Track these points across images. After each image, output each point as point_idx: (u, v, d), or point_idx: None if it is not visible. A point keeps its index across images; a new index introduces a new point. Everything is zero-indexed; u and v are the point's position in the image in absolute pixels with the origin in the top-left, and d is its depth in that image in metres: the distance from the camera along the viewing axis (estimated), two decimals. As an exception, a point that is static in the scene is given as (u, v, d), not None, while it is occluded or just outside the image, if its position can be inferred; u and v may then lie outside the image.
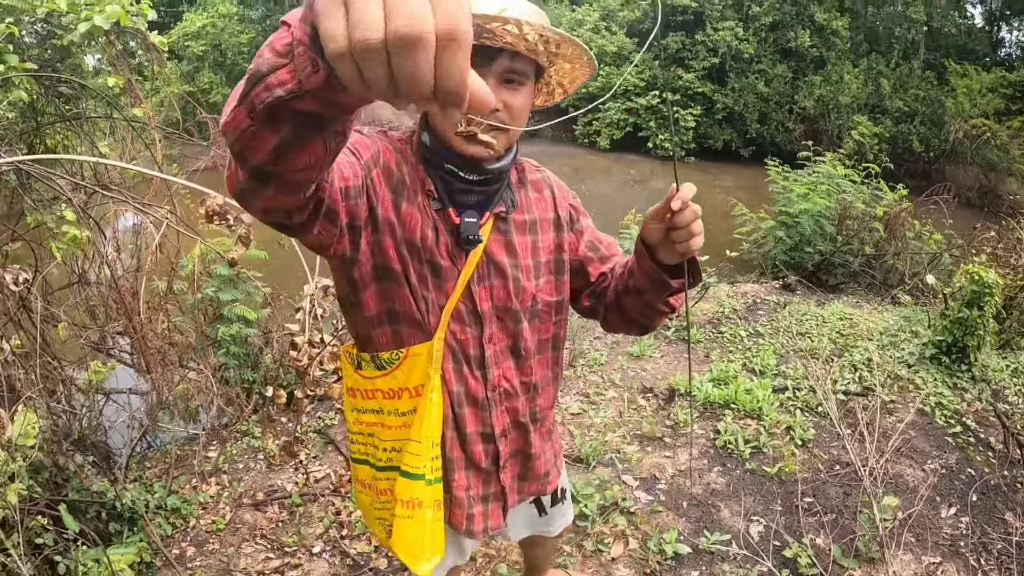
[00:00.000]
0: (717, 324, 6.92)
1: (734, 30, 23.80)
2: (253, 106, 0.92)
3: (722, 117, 24.07)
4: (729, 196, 16.72)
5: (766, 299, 7.92)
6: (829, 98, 23.00)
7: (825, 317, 7.05)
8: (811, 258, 9.28)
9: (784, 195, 9.89)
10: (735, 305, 7.51)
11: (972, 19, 28.39)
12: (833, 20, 24.15)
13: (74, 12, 4.46)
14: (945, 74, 23.45)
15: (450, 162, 1.61)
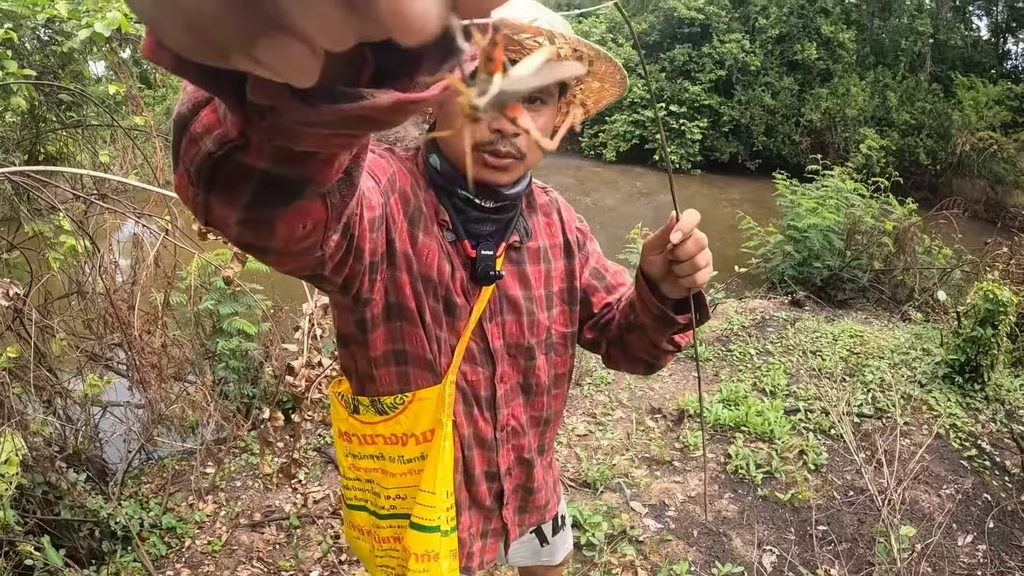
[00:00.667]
0: (726, 342, 6.82)
1: (740, 42, 23.76)
2: (187, 167, 0.70)
3: (728, 130, 24.01)
4: (736, 209, 16.65)
5: (775, 315, 7.81)
6: (836, 111, 22.91)
7: (835, 334, 6.94)
8: (820, 273, 9.17)
9: (792, 209, 9.78)
10: (744, 322, 7.40)
11: (978, 31, 28.42)
12: (839, 33, 24.12)
13: (75, 18, 4.39)
14: (951, 87, 23.39)
15: (464, 188, 1.45)
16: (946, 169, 21.96)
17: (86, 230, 4.64)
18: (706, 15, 23.78)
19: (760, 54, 24.02)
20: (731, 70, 23.93)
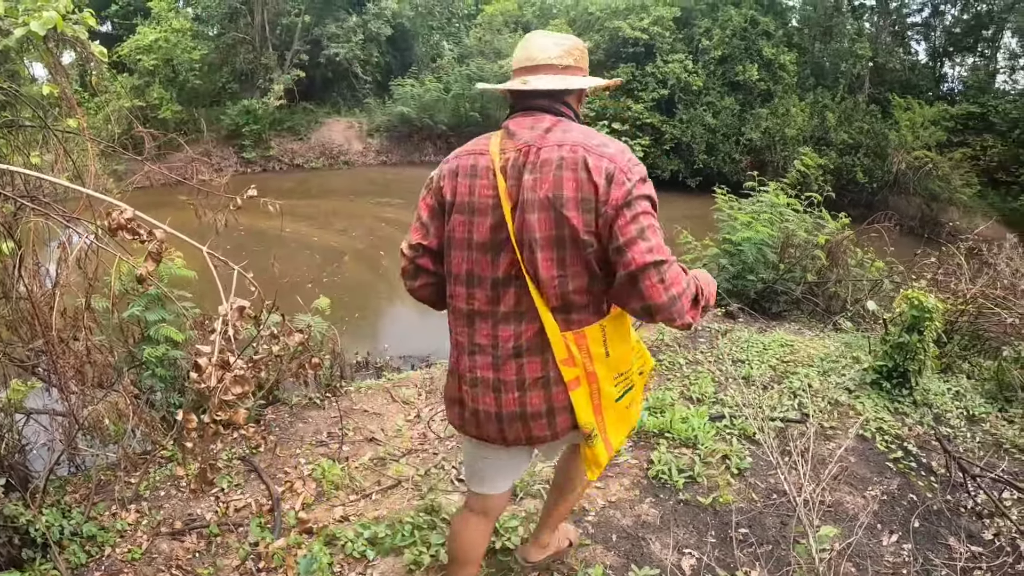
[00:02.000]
0: (655, 352, 6.80)
1: (684, 63, 24.06)
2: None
3: (670, 148, 24.28)
4: (675, 224, 16.79)
5: (707, 327, 7.83)
6: (775, 130, 23.33)
7: (766, 344, 6.98)
8: (753, 286, 9.25)
9: (728, 223, 9.85)
10: (675, 333, 7.39)
11: (916, 55, 29.18)
12: (781, 55, 24.58)
13: (12, 16, 4.26)
14: (889, 108, 24.02)
15: None
16: (882, 187, 22.46)
17: (11, 232, 4.50)
18: (650, 35, 24.04)
19: (702, 74, 24.38)
20: (674, 89, 24.21)
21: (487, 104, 27.95)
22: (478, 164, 2.33)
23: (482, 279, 2.34)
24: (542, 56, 2.32)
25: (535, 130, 2.29)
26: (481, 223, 2.31)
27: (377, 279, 13.71)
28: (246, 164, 26.09)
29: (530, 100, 2.35)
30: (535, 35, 2.40)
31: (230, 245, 15.86)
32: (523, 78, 2.33)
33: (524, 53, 2.36)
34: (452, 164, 2.40)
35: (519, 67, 2.36)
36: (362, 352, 9.76)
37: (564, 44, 2.36)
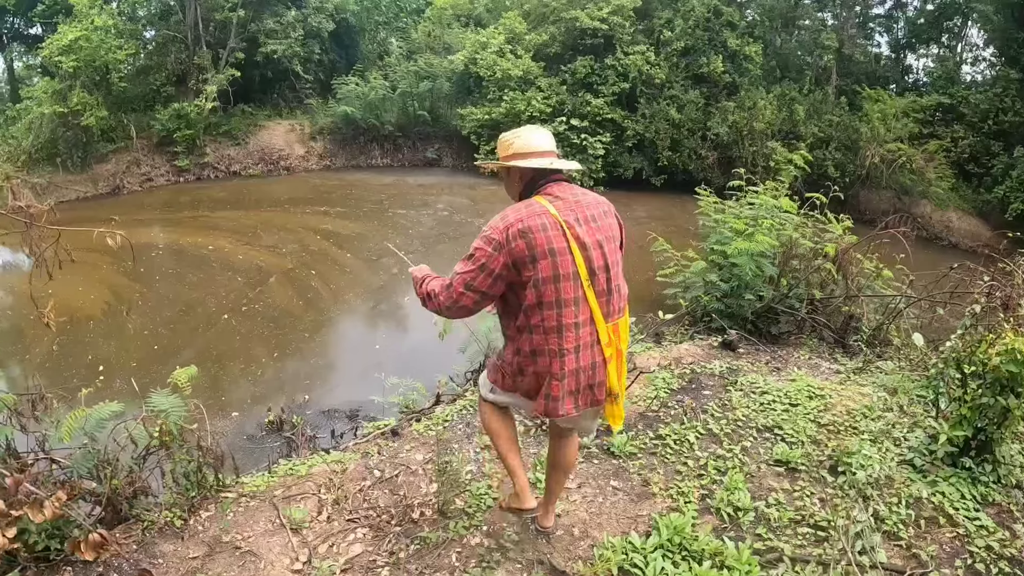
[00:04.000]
0: (653, 421, 5.23)
1: (645, 55, 22.61)
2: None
3: (632, 144, 22.82)
4: (643, 228, 15.26)
5: (707, 367, 6.32)
6: (743, 124, 22.05)
7: (791, 395, 5.41)
8: (751, 305, 7.74)
9: (715, 230, 8.37)
10: (671, 383, 5.82)
11: (879, 47, 28.31)
12: (746, 46, 23.33)
13: None
14: (856, 100, 23.16)
15: None
16: (854, 182, 21.31)
17: None
18: (610, 26, 22.56)
19: (665, 67, 22.98)
20: (635, 83, 22.75)
21: (436, 103, 26.54)
22: (546, 221, 3.18)
23: (578, 299, 3.20)
24: (550, 144, 3.44)
25: (573, 193, 3.34)
26: (565, 262, 3.17)
27: (304, 307, 11.97)
28: (179, 173, 24.24)
29: (557, 173, 3.40)
30: (540, 130, 3.50)
31: (143, 268, 14.11)
32: (550, 160, 3.37)
33: (546, 140, 3.43)
34: (518, 226, 3.17)
35: (545, 150, 3.40)
36: (276, 407, 8.15)
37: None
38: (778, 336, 7.77)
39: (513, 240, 3.14)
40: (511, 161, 3.36)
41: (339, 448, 5.83)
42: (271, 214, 18.58)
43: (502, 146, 3.44)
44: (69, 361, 10.32)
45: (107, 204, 20.63)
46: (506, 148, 3.40)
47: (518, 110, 22.56)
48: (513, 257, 3.15)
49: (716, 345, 7.17)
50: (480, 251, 3.18)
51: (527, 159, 3.32)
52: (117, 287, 13.06)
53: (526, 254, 3.13)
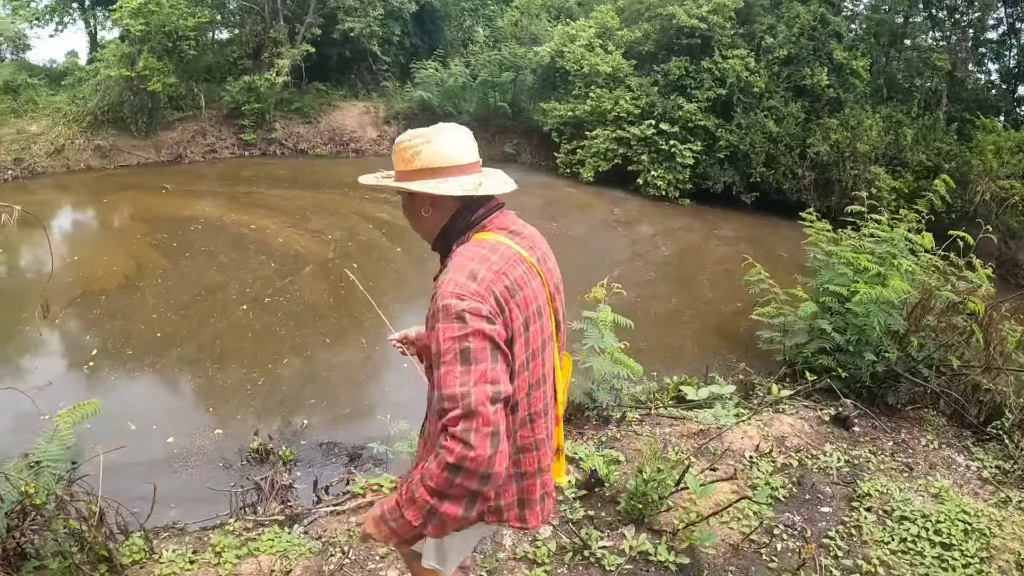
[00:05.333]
0: (753, 564, 3.65)
1: (745, 60, 20.80)
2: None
3: (724, 156, 20.93)
4: (730, 248, 13.72)
5: (820, 458, 4.80)
6: (845, 144, 20.06)
7: (940, 528, 3.82)
8: (870, 368, 6.10)
9: (830, 266, 6.80)
10: (775, 486, 4.28)
11: (989, 74, 26.36)
12: (853, 60, 21.32)
13: None
14: (966, 129, 21.07)
15: None
16: (961, 218, 19.23)
17: None
18: (709, 25, 20.82)
19: (765, 75, 21.10)
20: (732, 89, 20.92)
21: (518, 95, 25.01)
22: (525, 269, 2.25)
23: (551, 370, 2.39)
24: (474, 153, 2.36)
25: (520, 223, 2.41)
26: (547, 323, 2.32)
27: (333, 305, 10.60)
28: (244, 146, 23.35)
29: (490, 196, 2.37)
30: (460, 131, 2.37)
31: (176, 242, 12.95)
32: (476, 178, 2.31)
33: (469, 147, 2.34)
34: (503, 282, 2.15)
35: (468, 163, 2.32)
36: (267, 429, 6.81)
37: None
38: (893, 407, 6.16)
39: (504, 303, 2.12)
40: (417, 181, 2.27)
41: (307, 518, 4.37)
42: (327, 196, 17.34)
43: (401, 156, 2.30)
44: (66, 339, 9.46)
45: (167, 171, 19.95)
46: (407, 160, 2.28)
47: (604, 109, 20.91)
48: (507, 328, 2.14)
49: (827, 420, 5.57)
50: (478, 332, 2.04)
51: (446, 178, 2.26)
52: (142, 260, 12.00)
53: (518, 323, 2.17)
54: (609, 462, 4.63)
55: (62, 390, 7.90)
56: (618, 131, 20.59)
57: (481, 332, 2.03)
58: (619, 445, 5.04)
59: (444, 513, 1.99)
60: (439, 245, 2.36)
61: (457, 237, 2.30)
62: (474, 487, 1.95)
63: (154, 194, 16.95)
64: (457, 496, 1.97)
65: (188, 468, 6.52)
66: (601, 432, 5.28)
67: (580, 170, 21.13)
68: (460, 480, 1.94)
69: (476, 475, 1.95)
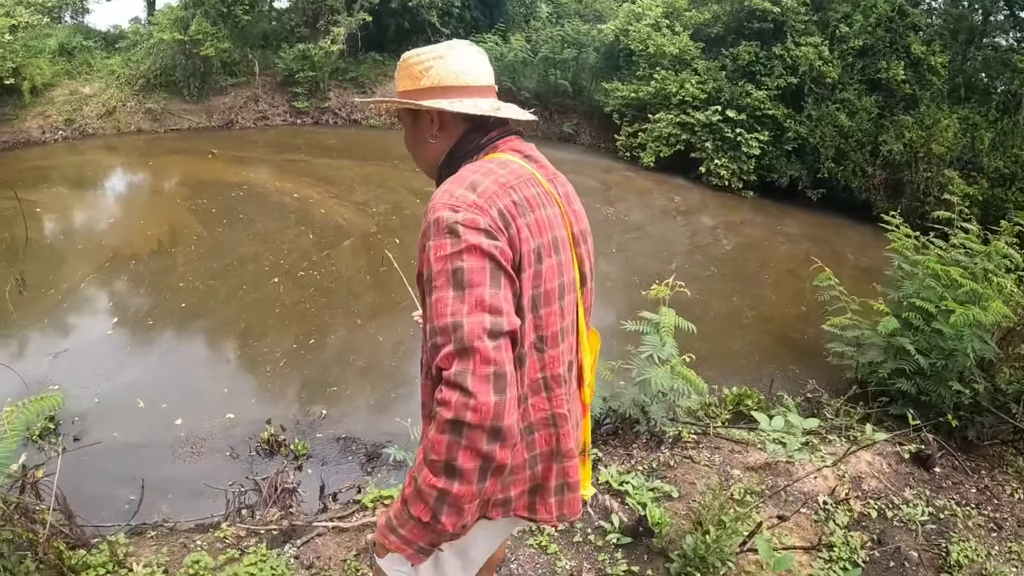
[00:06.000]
0: None
1: (819, 48, 19.81)
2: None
3: (792, 148, 19.95)
4: (794, 247, 13.02)
5: (900, 509, 4.23)
6: (919, 144, 18.97)
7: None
8: (954, 398, 5.39)
9: (915, 278, 6.09)
10: (853, 545, 3.66)
11: None
12: (931, 56, 20.21)
13: None
14: None
15: None
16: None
17: None
18: (782, 9, 19.85)
19: (838, 65, 20.06)
20: (804, 78, 19.92)
21: (580, 73, 24.11)
22: (540, 192, 1.90)
23: (573, 325, 1.99)
24: (490, 76, 2.04)
25: (540, 155, 2.05)
26: (567, 262, 1.93)
27: (370, 283, 9.99)
28: (297, 114, 22.92)
29: (503, 121, 2.02)
30: (475, 49, 2.08)
31: (215, 208, 12.44)
32: (493, 102, 1.97)
33: (486, 68, 2.03)
34: (510, 196, 1.79)
35: (484, 85, 1.99)
36: (283, 418, 6.26)
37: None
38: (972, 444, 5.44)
39: (511, 219, 1.75)
40: (429, 100, 1.93)
41: (304, 534, 3.77)
42: (375, 168, 16.79)
43: (408, 73, 1.99)
44: (90, 302, 9.08)
45: (217, 136, 19.61)
46: (415, 76, 1.97)
47: (668, 92, 20.04)
48: (513, 250, 1.75)
49: (906, 457, 4.85)
50: (473, 248, 1.67)
51: (460, 97, 1.93)
52: (178, 225, 11.55)
53: (529, 247, 1.79)
54: (659, 498, 3.98)
55: (77, 358, 7.59)
56: (682, 116, 19.72)
57: (478, 248, 1.68)
58: (672, 475, 4.38)
59: (457, 495, 1.59)
60: (445, 172, 1.96)
61: (463, 161, 1.96)
62: (483, 447, 1.56)
63: (200, 159, 16.61)
64: (467, 465, 1.57)
65: (192, 455, 6.03)
66: (652, 455, 4.61)
67: (640, 154, 20.28)
68: (465, 440, 1.56)
69: (483, 430, 1.56)
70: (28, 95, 17.48)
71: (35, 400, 3.11)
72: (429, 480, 1.60)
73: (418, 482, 1.62)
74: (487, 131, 1.97)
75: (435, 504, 1.60)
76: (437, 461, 1.58)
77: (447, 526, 1.63)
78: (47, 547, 3.03)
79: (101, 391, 6.97)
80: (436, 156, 2.02)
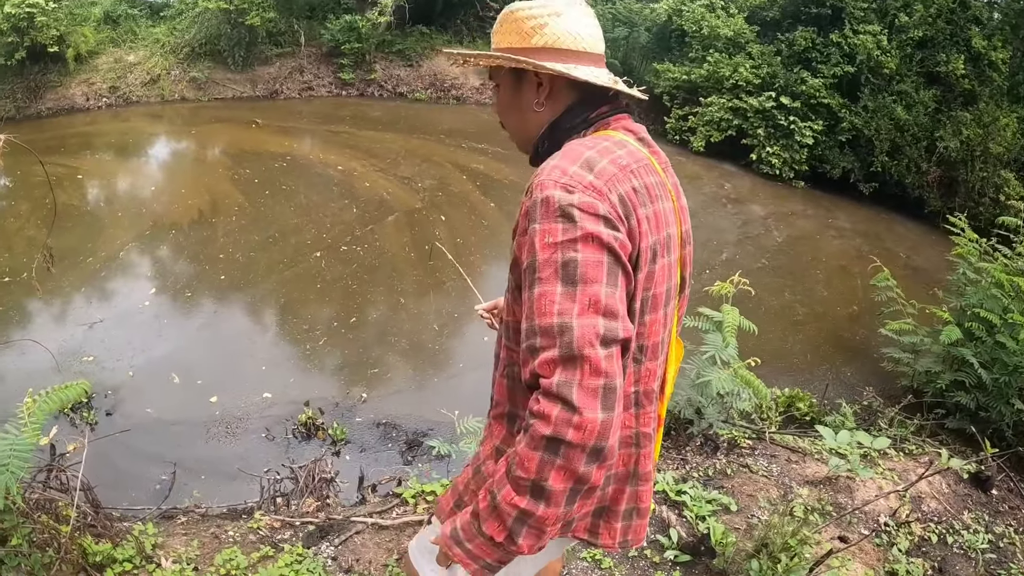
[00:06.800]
0: None
1: (877, 37, 19.28)
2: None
3: (846, 140, 19.44)
4: (846, 242, 12.71)
5: (960, 534, 4.10)
6: (977, 142, 18.41)
7: None
8: (1015, 416, 5.15)
9: (979, 286, 5.83)
10: (913, 570, 3.40)
11: None
12: (992, 51, 19.62)
13: None
14: None
15: None
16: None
17: None
18: (842, -4, 19.38)
19: (896, 56, 19.51)
20: (861, 68, 19.40)
21: (630, 53, 23.61)
22: (658, 181, 1.70)
23: (666, 339, 1.79)
24: (603, 44, 1.78)
25: (653, 142, 1.83)
26: (674, 265, 1.74)
27: (415, 260, 9.79)
28: (342, 86, 22.69)
29: (614, 96, 1.79)
30: (592, 13, 1.79)
31: (257, 179, 12.37)
32: (610, 73, 1.78)
33: (600, 35, 1.77)
34: (631, 182, 1.58)
35: (599, 53, 1.75)
36: (327, 394, 6.27)
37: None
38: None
39: (632, 209, 1.53)
40: (549, 62, 1.65)
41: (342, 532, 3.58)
42: (421, 142, 16.61)
43: (516, 28, 1.71)
44: (128, 272, 8.99)
45: (261, 106, 19.55)
46: (525, 33, 1.70)
47: (721, 75, 19.61)
48: (632, 244, 1.53)
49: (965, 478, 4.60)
50: (591, 236, 1.44)
51: (576, 63, 1.68)
52: (220, 195, 11.45)
53: (647, 243, 1.56)
54: (717, 510, 3.75)
55: (112, 329, 7.53)
56: (735, 101, 19.29)
57: (596, 237, 1.45)
58: (729, 485, 4.16)
59: (541, 517, 1.41)
60: (544, 146, 1.75)
61: (567, 135, 1.73)
62: (580, 468, 1.37)
63: (244, 128, 16.57)
64: (557, 487, 1.38)
65: (227, 435, 5.92)
66: (708, 461, 4.38)
67: (690, 138, 19.84)
68: (562, 460, 1.36)
69: (583, 450, 1.36)
70: (72, 62, 17.53)
71: (59, 389, 2.95)
72: (511, 499, 1.42)
73: (496, 499, 1.44)
74: (597, 105, 1.75)
75: (514, 524, 1.43)
76: (524, 479, 1.39)
77: (523, 548, 1.46)
78: (71, 544, 2.87)
79: (136, 364, 6.90)
80: (536, 127, 1.79)
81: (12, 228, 10.17)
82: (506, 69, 1.77)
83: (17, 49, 15.99)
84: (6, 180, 11.94)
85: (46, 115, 16.33)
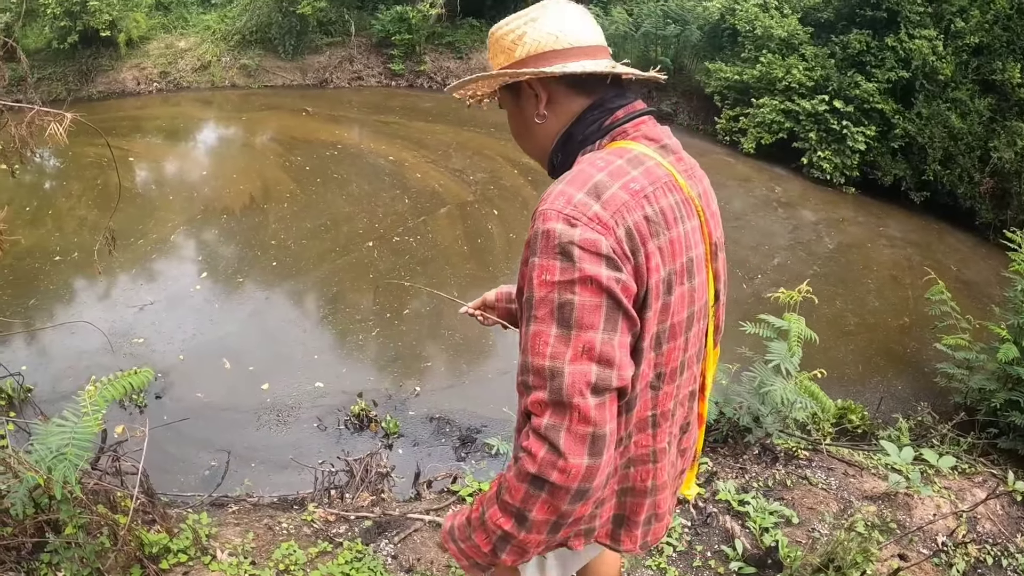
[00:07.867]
0: None
1: (933, 42, 18.98)
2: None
3: (899, 146, 19.15)
4: (897, 252, 12.57)
5: (1015, 556, 3.88)
6: (1032, 154, 18.05)
7: None
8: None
9: None
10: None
11: None
12: (1051, 58, 19.21)
13: None
14: None
15: None
16: None
17: None
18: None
19: (952, 62, 19.18)
20: (916, 73, 19.10)
21: (681, 51, 23.51)
22: (679, 200, 1.62)
23: (699, 353, 1.77)
24: (598, 35, 1.74)
25: (676, 142, 1.74)
26: (701, 285, 1.68)
27: (468, 254, 9.75)
28: (391, 76, 22.88)
29: (631, 96, 1.73)
30: (575, 6, 1.74)
31: (309, 166, 12.45)
32: (607, 61, 1.68)
33: (590, 25, 1.73)
34: (642, 210, 1.50)
35: (592, 44, 1.69)
36: (379, 386, 6.33)
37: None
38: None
39: (641, 243, 1.46)
40: (545, 66, 1.62)
41: (400, 530, 3.58)
42: (472, 135, 16.52)
43: (500, 47, 1.72)
44: (179, 255, 9.12)
45: (311, 95, 19.77)
46: (508, 49, 1.69)
47: (774, 76, 19.47)
48: (639, 282, 1.47)
49: (1019, 500, 4.53)
50: (589, 279, 1.39)
51: (563, 61, 1.63)
52: (271, 182, 11.52)
53: (658, 278, 1.50)
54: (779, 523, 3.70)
55: (163, 312, 7.62)
56: (787, 103, 19.11)
57: (595, 280, 1.40)
58: (789, 497, 4.11)
59: (523, 541, 1.47)
60: (558, 159, 1.70)
61: (582, 146, 1.66)
62: (562, 507, 1.40)
63: (294, 116, 16.68)
64: (540, 518, 1.42)
65: (278, 424, 5.95)
66: (767, 472, 4.34)
67: (741, 140, 19.63)
68: (544, 497, 1.40)
69: (566, 492, 1.39)
70: (124, 47, 17.84)
71: (124, 376, 2.96)
72: (496, 519, 1.47)
73: (485, 515, 1.50)
74: (611, 110, 1.67)
75: (497, 542, 1.49)
76: (510, 505, 1.44)
77: (506, 562, 1.53)
78: (128, 535, 2.88)
79: (186, 348, 6.97)
80: (547, 140, 1.73)
81: (64, 208, 10.34)
82: (502, 91, 1.75)
83: (70, 33, 16.24)
84: (58, 161, 12.13)
85: (97, 98, 16.63)
